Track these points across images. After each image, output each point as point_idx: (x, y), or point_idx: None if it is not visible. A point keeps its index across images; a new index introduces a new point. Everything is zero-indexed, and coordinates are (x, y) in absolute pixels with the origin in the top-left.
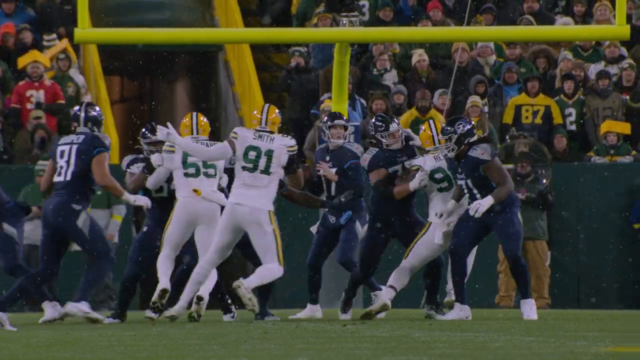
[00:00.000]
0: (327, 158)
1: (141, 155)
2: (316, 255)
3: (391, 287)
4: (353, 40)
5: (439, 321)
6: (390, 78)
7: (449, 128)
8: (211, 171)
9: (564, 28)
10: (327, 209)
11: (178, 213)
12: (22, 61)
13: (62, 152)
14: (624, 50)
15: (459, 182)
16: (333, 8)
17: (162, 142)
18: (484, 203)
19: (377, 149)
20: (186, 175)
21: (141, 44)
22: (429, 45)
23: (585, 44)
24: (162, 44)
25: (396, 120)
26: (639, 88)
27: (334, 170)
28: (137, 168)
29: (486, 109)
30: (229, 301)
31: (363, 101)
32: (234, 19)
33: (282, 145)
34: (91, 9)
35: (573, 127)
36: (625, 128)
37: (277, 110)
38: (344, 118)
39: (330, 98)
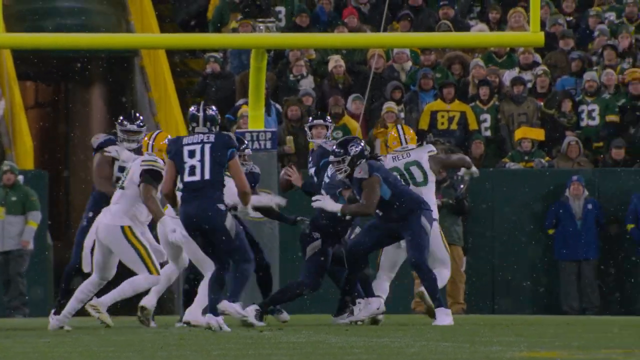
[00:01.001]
0: (309, 158)
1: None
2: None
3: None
4: (269, 46)
5: (356, 327)
6: (307, 84)
7: (341, 150)
8: None
9: (479, 34)
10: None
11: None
12: None
13: (192, 152)
14: (538, 57)
15: None
16: (250, 14)
17: (138, 133)
18: (328, 205)
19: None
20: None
21: (56, 49)
22: (345, 52)
23: (499, 51)
24: (77, 49)
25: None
26: (553, 94)
27: (313, 169)
28: (114, 150)
29: (402, 115)
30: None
31: (278, 107)
32: (149, 25)
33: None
34: (5, 14)
35: (488, 133)
36: (539, 134)
37: (167, 137)
38: (326, 118)
39: (246, 103)
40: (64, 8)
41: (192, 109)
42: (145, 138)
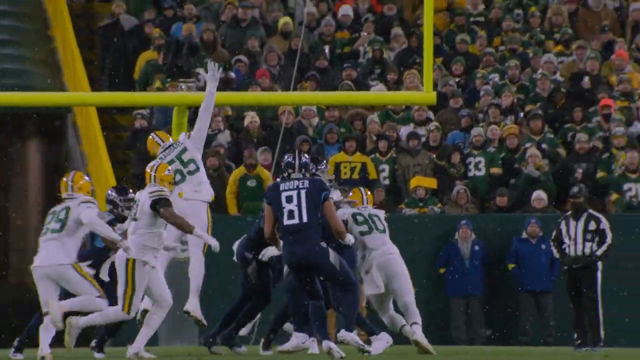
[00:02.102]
0: None
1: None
2: None
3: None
4: (190, 104)
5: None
6: (224, 138)
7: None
8: None
9: (378, 94)
10: None
11: None
12: None
13: (289, 197)
14: (431, 114)
15: None
16: (173, 75)
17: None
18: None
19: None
20: None
21: None
22: (258, 108)
23: (396, 108)
24: (16, 106)
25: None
26: (444, 147)
27: None
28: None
29: (312, 166)
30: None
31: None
32: (81, 85)
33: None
34: None
35: (387, 182)
36: (432, 183)
37: (167, 168)
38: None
39: None
40: (3, 69)
41: (287, 157)
42: (147, 169)
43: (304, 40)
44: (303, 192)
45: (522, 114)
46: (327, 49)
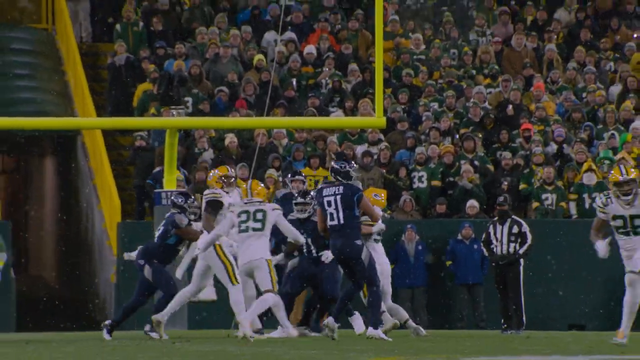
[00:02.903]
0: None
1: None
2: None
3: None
4: (180, 126)
5: (256, 339)
6: (208, 155)
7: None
8: None
9: (337, 119)
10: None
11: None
12: None
13: (329, 202)
14: (381, 135)
15: None
16: (165, 103)
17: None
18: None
19: None
20: None
21: (18, 129)
22: (237, 131)
23: (353, 131)
24: (34, 129)
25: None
26: (392, 164)
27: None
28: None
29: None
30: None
31: (185, 172)
32: (88, 111)
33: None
34: None
35: None
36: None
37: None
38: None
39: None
40: (21, 98)
41: (333, 163)
42: (210, 173)
43: (275, 74)
44: (339, 197)
45: (457, 136)
46: (294, 81)
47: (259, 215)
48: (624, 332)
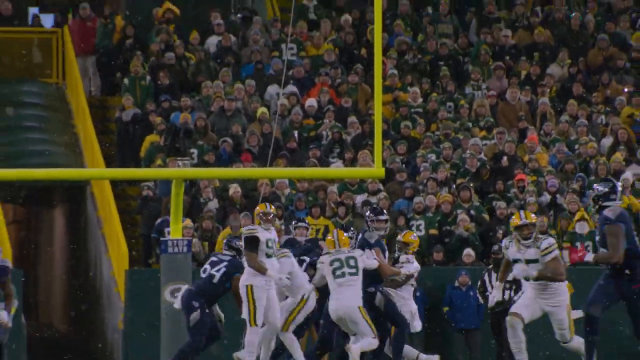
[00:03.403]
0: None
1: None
2: None
3: None
4: (186, 177)
5: None
6: (213, 205)
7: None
8: None
9: (337, 169)
10: None
11: None
12: None
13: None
14: (381, 185)
15: None
16: (171, 153)
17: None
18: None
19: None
20: None
21: (28, 180)
22: (241, 181)
23: (352, 181)
24: (44, 179)
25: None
26: (391, 213)
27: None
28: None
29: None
30: None
31: (191, 222)
32: (97, 162)
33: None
34: None
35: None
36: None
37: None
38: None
39: (167, 221)
40: (33, 150)
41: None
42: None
43: (277, 126)
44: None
45: (454, 186)
46: (296, 133)
47: (352, 262)
48: None
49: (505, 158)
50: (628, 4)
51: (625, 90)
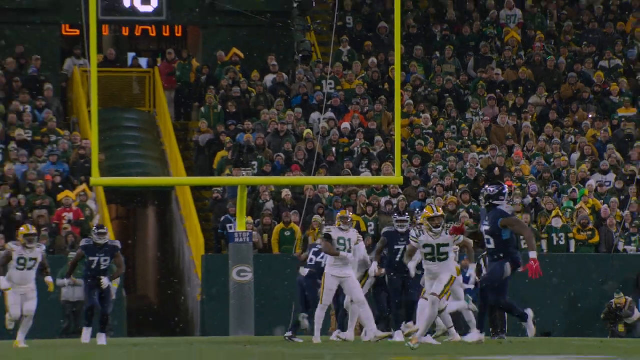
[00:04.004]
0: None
1: None
2: None
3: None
4: (248, 183)
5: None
6: (269, 205)
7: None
8: None
9: (366, 177)
10: None
11: None
12: (59, 196)
13: None
14: (400, 190)
15: None
16: (237, 166)
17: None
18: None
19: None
20: None
21: (127, 186)
22: (291, 186)
23: (378, 186)
24: (139, 186)
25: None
26: (409, 212)
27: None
28: None
29: (324, 222)
30: None
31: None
32: (180, 172)
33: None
34: (100, 168)
35: (372, 233)
36: None
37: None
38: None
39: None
40: (131, 163)
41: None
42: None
43: (319, 144)
44: None
45: (457, 190)
46: (333, 149)
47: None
48: (417, 338)
49: (497, 169)
50: (592, 50)
51: (590, 116)
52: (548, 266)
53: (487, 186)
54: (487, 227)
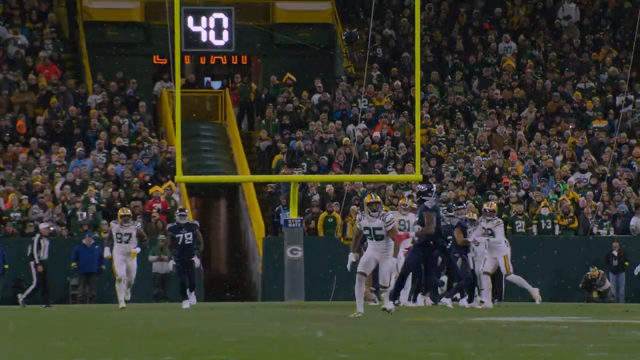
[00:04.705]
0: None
1: None
2: None
3: None
4: (299, 180)
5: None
6: (316, 198)
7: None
8: None
9: (393, 176)
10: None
11: None
12: (150, 190)
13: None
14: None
15: None
16: (290, 166)
17: None
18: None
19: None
20: None
21: (205, 182)
22: (333, 182)
23: (401, 183)
24: (214, 182)
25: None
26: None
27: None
28: None
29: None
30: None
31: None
32: (246, 171)
33: None
34: (182, 167)
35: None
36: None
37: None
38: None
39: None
40: (207, 164)
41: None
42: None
43: (355, 149)
44: None
45: (465, 186)
46: (367, 153)
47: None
48: (359, 310)
49: (496, 168)
50: (571, 74)
51: (570, 127)
52: (538, 246)
53: (419, 185)
54: (417, 218)
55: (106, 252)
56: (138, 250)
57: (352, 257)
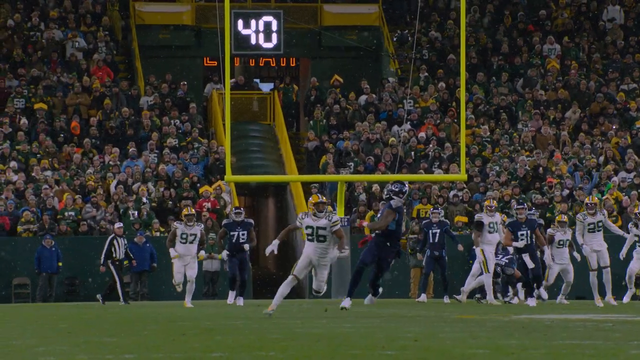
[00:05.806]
0: None
1: None
2: None
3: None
4: (346, 180)
5: None
6: (362, 197)
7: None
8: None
9: (438, 175)
10: None
11: None
12: (201, 190)
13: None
14: (464, 185)
15: None
16: (337, 166)
17: None
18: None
19: None
20: None
21: (255, 181)
22: (379, 182)
23: (446, 182)
24: (263, 181)
25: None
26: (471, 202)
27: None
28: None
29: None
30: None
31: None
32: (293, 171)
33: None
34: (232, 167)
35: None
36: (465, 219)
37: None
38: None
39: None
40: (256, 165)
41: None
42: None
43: (401, 149)
44: None
45: (510, 185)
46: (412, 153)
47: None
48: (275, 306)
49: (540, 168)
50: (615, 76)
51: (613, 127)
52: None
53: (392, 183)
54: (380, 215)
55: (172, 253)
56: (203, 253)
57: (275, 245)
